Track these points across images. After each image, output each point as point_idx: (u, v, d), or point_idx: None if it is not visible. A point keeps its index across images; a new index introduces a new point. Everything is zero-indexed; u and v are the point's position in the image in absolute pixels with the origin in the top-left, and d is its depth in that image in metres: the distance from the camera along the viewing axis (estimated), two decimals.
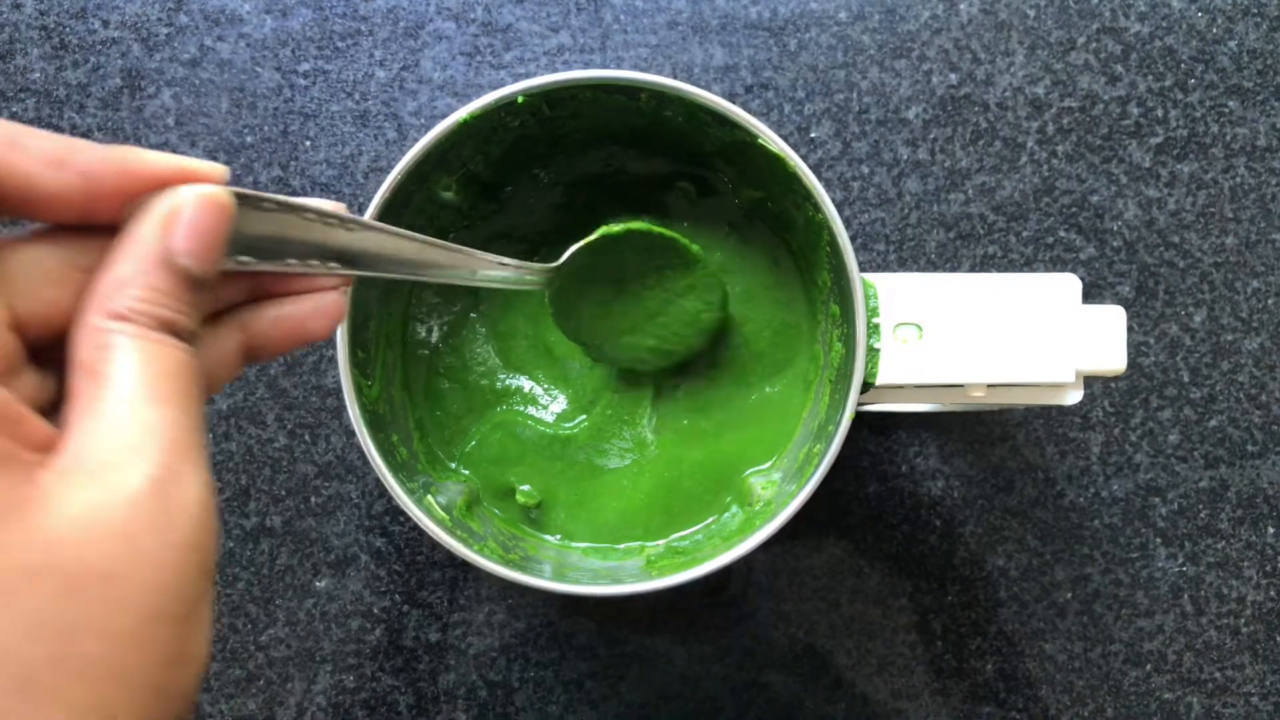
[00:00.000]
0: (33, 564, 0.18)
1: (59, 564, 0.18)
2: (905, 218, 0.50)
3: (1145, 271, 0.50)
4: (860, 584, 0.49)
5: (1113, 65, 0.50)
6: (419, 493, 0.38)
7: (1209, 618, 0.49)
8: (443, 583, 0.49)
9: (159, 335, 0.21)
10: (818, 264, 0.40)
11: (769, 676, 0.49)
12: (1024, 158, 0.50)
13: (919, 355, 0.38)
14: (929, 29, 0.50)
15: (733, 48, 0.50)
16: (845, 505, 0.49)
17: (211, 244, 0.22)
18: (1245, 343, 0.50)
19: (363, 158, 0.50)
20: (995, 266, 0.50)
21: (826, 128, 0.50)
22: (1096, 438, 0.49)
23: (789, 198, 0.39)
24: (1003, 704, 0.49)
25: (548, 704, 0.49)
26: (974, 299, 0.38)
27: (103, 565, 0.19)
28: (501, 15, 0.50)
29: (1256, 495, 0.49)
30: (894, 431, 0.50)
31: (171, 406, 0.21)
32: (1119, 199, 0.50)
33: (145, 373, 0.20)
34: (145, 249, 0.21)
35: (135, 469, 0.20)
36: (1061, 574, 0.49)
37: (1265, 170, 0.50)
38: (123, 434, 0.20)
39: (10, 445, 0.19)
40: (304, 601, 0.49)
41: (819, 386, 0.42)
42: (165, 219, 0.21)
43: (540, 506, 0.43)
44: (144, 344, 0.21)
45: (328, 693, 0.49)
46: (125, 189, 0.21)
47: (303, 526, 0.49)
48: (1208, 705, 0.49)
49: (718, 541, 0.40)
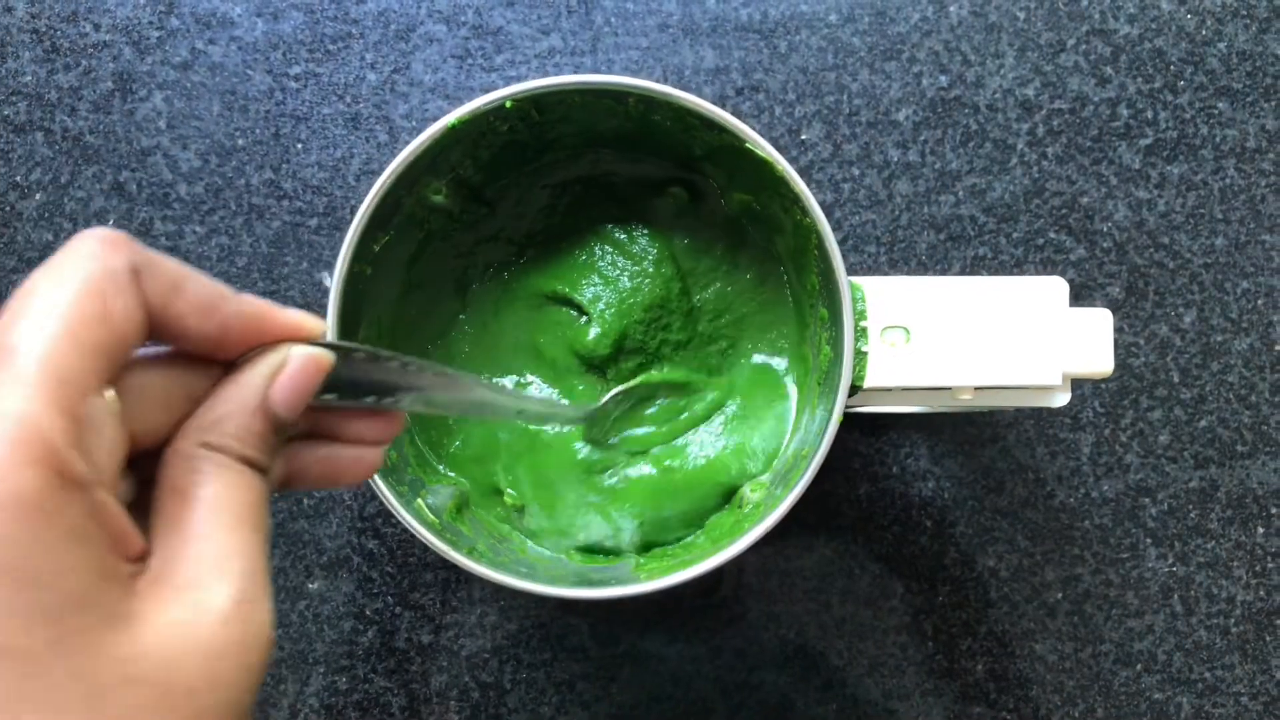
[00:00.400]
0: (131, 674, 0.20)
1: (153, 676, 0.20)
2: (896, 219, 0.50)
3: (1135, 273, 0.50)
4: (851, 585, 0.49)
5: (1102, 67, 0.50)
6: (408, 496, 0.38)
7: (1199, 618, 0.49)
8: (435, 584, 0.49)
9: (241, 467, 0.23)
10: (806, 267, 0.40)
11: (760, 677, 0.49)
12: (1014, 159, 0.50)
13: (906, 358, 0.38)
14: (919, 31, 0.50)
15: (723, 50, 0.50)
16: (836, 506, 0.49)
17: (305, 396, 0.24)
18: (1235, 343, 0.50)
19: (354, 160, 0.50)
20: (986, 268, 0.50)
21: (817, 130, 0.50)
22: (1087, 438, 0.50)
23: (777, 201, 0.40)
24: (993, 704, 0.49)
25: (540, 705, 0.49)
26: (961, 302, 0.38)
27: (189, 681, 0.21)
28: (492, 18, 0.50)
29: (1246, 495, 0.49)
30: (884, 433, 0.50)
31: (251, 532, 0.23)
32: (1109, 200, 0.50)
33: (229, 500, 0.23)
34: (247, 394, 0.23)
35: (219, 591, 0.22)
36: (1052, 574, 0.49)
37: (1254, 171, 0.50)
38: (207, 555, 0.22)
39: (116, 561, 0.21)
40: (297, 603, 0.49)
41: (808, 389, 0.42)
42: (272, 372, 0.24)
43: (524, 510, 0.43)
44: (228, 474, 0.23)
45: (320, 694, 0.49)
46: (251, 340, 0.24)
47: (295, 529, 0.49)
48: (1197, 705, 0.49)
49: (707, 544, 0.41)
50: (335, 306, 0.36)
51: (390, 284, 0.42)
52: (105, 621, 0.20)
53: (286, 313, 0.25)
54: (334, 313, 0.36)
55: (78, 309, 0.20)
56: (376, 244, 0.39)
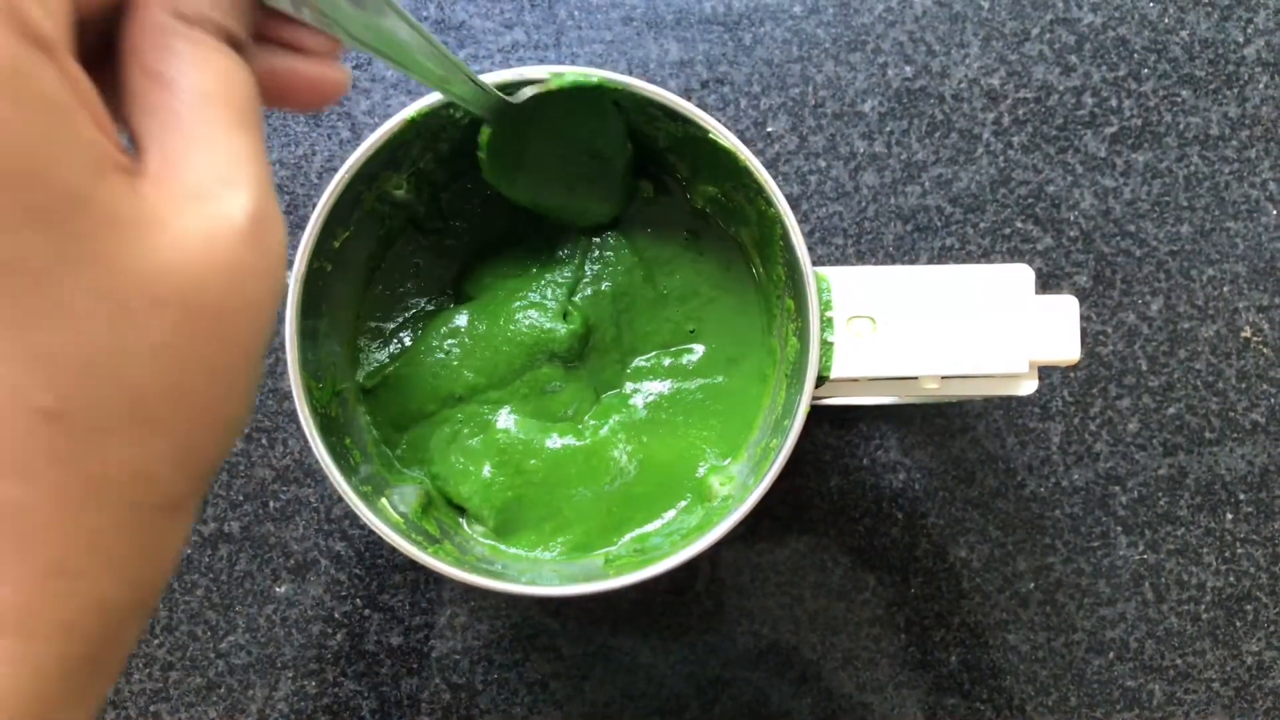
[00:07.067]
0: (157, 293, 0.18)
1: (180, 297, 0.18)
2: (863, 211, 0.50)
3: (1102, 261, 0.50)
4: (823, 578, 0.49)
5: (1067, 56, 0.50)
6: (372, 496, 0.38)
7: (1169, 605, 0.49)
8: (404, 586, 0.48)
9: (227, 49, 0.20)
10: (772, 259, 0.40)
11: (734, 673, 0.49)
12: (980, 149, 0.50)
13: (873, 348, 0.38)
14: (883, 22, 0.50)
15: (688, 43, 0.50)
16: (807, 500, 0.49)
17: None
18: (1202, 330, 0.50)
19: (316, 158, 0.49)
20: (953, 258, 0.50)
21: (783, 122, 0.50)
22: (1056, 428, 0.50)
23: (742, 193, 0.39)
24: (967, 695, 0.49)
25: (512, 705, 0.48)
26: (927, 291, 0.38)
27: (217, 302, 0.18)
28: (455, 12, 0.50)
29: (1214, 482, 0.50)
30: (854, 425, 0.50)
31: (253, 133, 0.20)
32: (1075, 189, 0.50)
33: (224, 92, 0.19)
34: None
35: (235, 202, 0.19)
36: (1023, 564, 0.49)
37: (1218, 159, 0.50)
38: (217, 160, 0.19)
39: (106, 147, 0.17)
40: (264, 607, 0.48)
41: (776, 381, 0.42)
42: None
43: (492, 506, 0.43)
44: (216, 58, 0.19)
45: (289, 699, 0.48)
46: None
47: (261, 532, 0.48)
48: (1169, 692, 0.49)
49: (677, 539, 0.40)
50: (295, 303, 0.36)
51: (351, 281, 0.41)
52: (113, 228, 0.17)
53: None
54: (293, 308, 0.36)
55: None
56: (336, 240, 0.38)
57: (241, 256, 0.19)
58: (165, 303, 0.18)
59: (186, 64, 0.19)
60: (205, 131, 0.19)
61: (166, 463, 0.19)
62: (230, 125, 0.19)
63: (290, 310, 0.36)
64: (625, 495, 0.43)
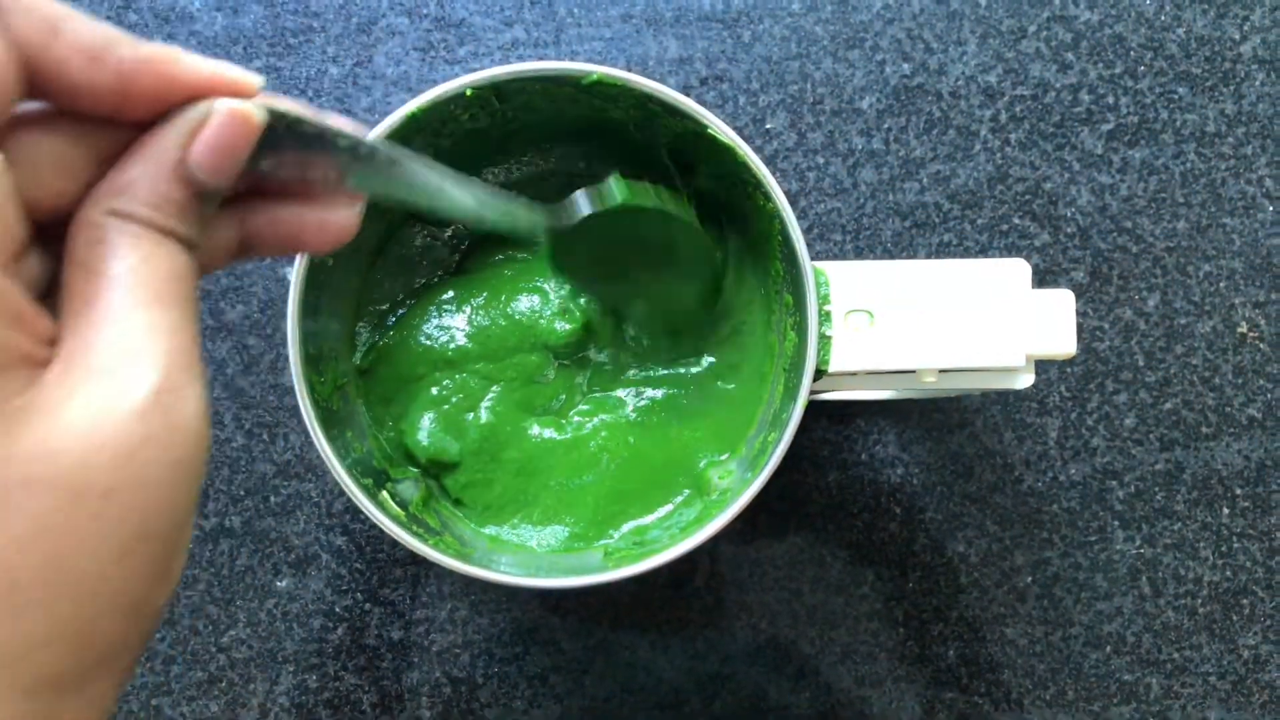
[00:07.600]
0: (35, 474, 0.18)
1: (61, 477, 0.18)
2: (861, 207, 0.50)
3: (1099, 257, 0.50)
4: (822, 573, 0.49)
5: (1064, 53, 0.50)
6: (373, 489, 0.38)
7: (1166, 599, 0.50)
8: (404, 580, 0.49)
9: (158, 237, 0.20)
10: (770, 254, 0.41)
11: (733, 667, 0.49)
12: (977, 146, 0.50)
13: (871, 342, 0.38)
14: (881, 19, 0.50)
15: (687, 40, 0.50)
16: (805, 495, 0.49)
17: (231, 161, 0.21)
18: (1198, 326, 0.50)
19: None
20: (950, 254, 0.50)
21: (781, 119, 0.50)
22: (1053, 422, 0.50)
23: (741, 188, 0.40)
24: (965, 689, 0.49)
25: (512, 699, 0.49)
26: (925, 285, 0.39)
27: (105, 481, 0.18)
28: (455, 10, 0.50)
29: (1211, 476, 0.50)
30: (852, 420, 0.50)
31: (173, 310, 0.20)
32: (1072, 185, 0.50)
33: (144, 273, 0.20)
34: (162, 156, 0.20)
35: (138, 377, 0.19)
36: (1021, 559, 0.50)
37: (1214, 155, 0.50)
38: (124, 337, 0.19)
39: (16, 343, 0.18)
40: (265, 602, 0.48)
41: (774, 376, 0.42)
42: (190, 129, 0.20)
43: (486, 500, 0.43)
44: (143, 244, 0.20)
45: (290, 693, 0.48)
46: (159, 95, 0.20)
47: (262, 526, 0.48)
48: (1166, 685, 0.49)
49: (675, 532, 0.40)
50: (296, 297, 0.36)
51: (352, 272, 0.41)
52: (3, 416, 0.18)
53: (203, 61, 0.21)
54: (295, 304, 0.36)
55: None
56: None
57: (136, 432, 0.19)
58: (44, 484, 0.18)
59: (109, 252, 0.19)
60: (116, 312, 0.19)
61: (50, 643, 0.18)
62: (146, 303, 0.19)
63: (292, 306, 0.36)
64: (623, 486, 0.43)
